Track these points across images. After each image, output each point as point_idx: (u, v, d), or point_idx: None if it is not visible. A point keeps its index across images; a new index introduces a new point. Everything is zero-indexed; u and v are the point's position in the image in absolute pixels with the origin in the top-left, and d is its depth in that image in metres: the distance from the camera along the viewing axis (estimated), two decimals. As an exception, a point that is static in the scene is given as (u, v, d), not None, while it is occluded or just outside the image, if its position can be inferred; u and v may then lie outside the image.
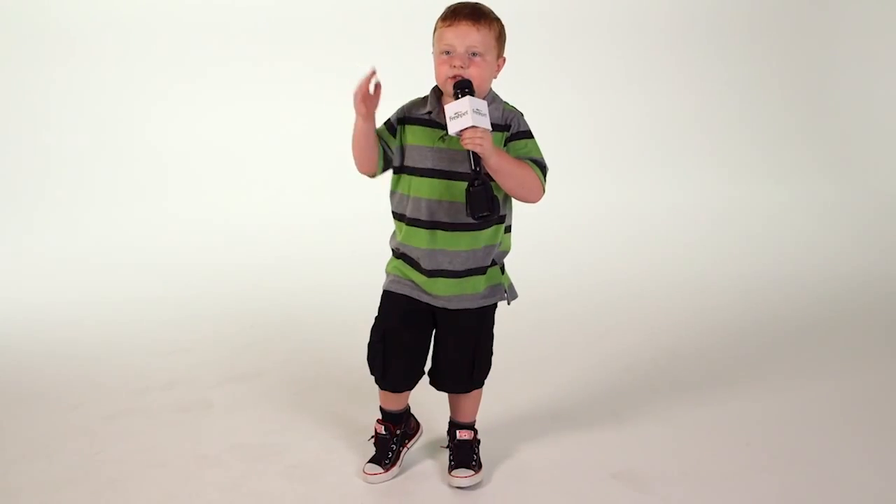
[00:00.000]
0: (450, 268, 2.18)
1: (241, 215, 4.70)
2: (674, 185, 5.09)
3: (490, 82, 2.14)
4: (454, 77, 2.07)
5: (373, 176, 2.23)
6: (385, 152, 2.19)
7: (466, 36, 2.08)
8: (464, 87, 2.03)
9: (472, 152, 2.00)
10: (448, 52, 2.09)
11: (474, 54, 2.08)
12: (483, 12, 2.12)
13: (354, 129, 2.14)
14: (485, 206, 2.00)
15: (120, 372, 3.15)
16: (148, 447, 2.55)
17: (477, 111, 2.00)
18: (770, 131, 5.38)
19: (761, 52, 5.43)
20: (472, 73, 2.07)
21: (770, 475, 2.34)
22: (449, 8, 2.13)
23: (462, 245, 2.17)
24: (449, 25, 2.10)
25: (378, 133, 2.18)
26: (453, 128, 2.01)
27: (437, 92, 2.19)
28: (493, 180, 2.07)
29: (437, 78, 2.14)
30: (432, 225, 2.16)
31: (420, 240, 2.18)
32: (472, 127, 1.98)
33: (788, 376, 3.04)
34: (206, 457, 2.48)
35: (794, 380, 3.01)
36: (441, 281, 2.19)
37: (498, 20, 2.14)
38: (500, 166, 2.05)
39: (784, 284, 4.09)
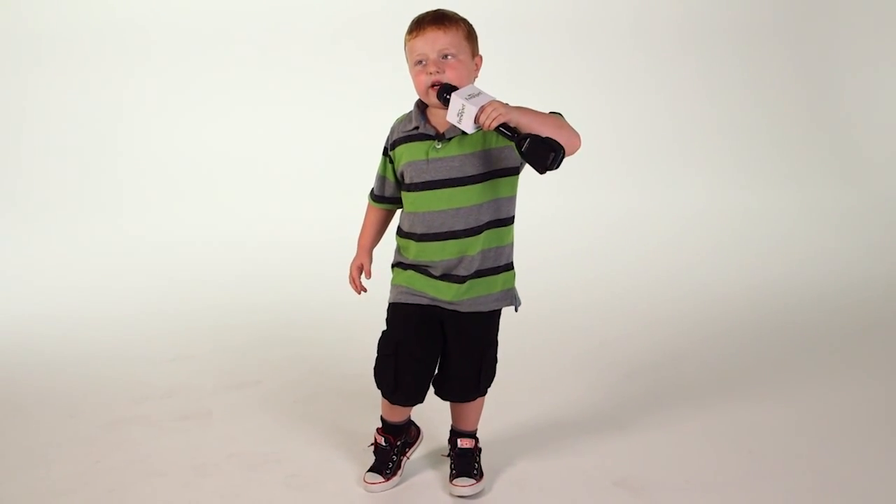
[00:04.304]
0: (463, 273, 2.16)
1: (241, 224, 4.70)
2: (673, 191, 5.08)
3: (471, 82, 2.12)
4: (433, 85, 2.07)
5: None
6: (393, 198, 2.29)
7: (435, 41, 2.08)
8: (445, 92, 2.03)
9: (499, 128, 1.98)
10: (421, 62, 2.10)
11: (446, 56, 2.08)
12: (447, 15, 2.12)
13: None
14: (547, 154, 1.93)
15: (119, 380, 3.15)
16: (147, 456, 2.54)
17: (470, 97, 1.99)
18: (784, 137, 5.35)
19: (776, 58, 5.41)
20: (449, 77, 2.07)
21: (773, 483, 2.33)
22: (413, 20, 2.13)
23: (473, 249, 2.15)
24: (416, 35, 2.10)
25: (384, 174, 2.27)
26: (467, 127, 2.00)
27: (419, 105, 2.20)
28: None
29: (418, 90, 2.14)
30: (444, 236, 2.14)
31: (434, 252, 2.16)
32: (480, 110, 1.97)
33: (791, 384, 3.03)
34: (205, 465, 2.47)
35: (796, 387, 2.99)
36: (454, 287, 2.17)
37: (464, 20, 2.14)
38: (530, 119, 1.99)
39: (787, 292, 4.07)
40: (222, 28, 4.91)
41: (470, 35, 2.14)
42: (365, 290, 2.37)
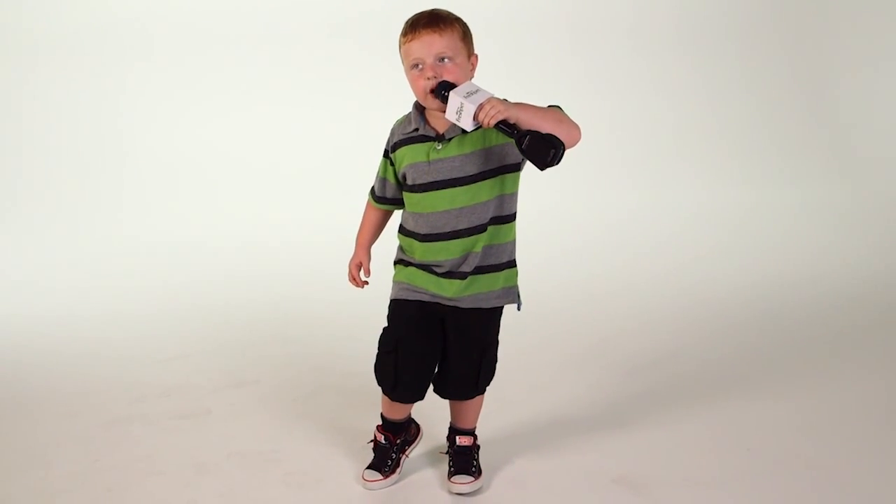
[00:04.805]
0: (466, 269, 2.16)
1: (240, 224, 4.70)
2: (672, 190, 5.08)
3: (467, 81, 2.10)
4: (432, 89, 2.06)
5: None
6: (394, 199, 2.28)
7: (431, 44, 2.06)
8: (443, 89, 2.02)
9: (499, 125, 1.96)
10: (418, 65, 2.08)
11: (443, 60, 2.07)
12: (441, 17, 2.10)
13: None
14: (547, 151, 1.91)
15: (118, 379, 3.15)
16: (146, 454, 2.54)
17: (468, 94, 1.98)
18: (782, 136, 5.34)
19: (774, 56, 5.41)
20: (447, 79, 2.05)
21: (772, 481, 2.33)
22: (407, 22, 2.12)
23: (478, 246, 2.15)
24: (411, 39, 2.08)
25: (385, 176, 2.26)
26: (466, 125, 1.99)
27: (417, 107, 2.19)
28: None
29: (416, 94, 2.13)
30: (449, 235, 2.14)
31: (440, 252, 2.16)
32: (479, 108, 1.95)
33: (790, 382, 3.03)
34: (204, 464, 2.47)
35: (795, 385, 3.00)
36: (456, 283, 2.17)
37: (458, 20, 2.12)
38: (529, 115, 1.99)
39: (786, 290, 4.07)
40: (222, 28, 4.91)
41: (465, 35, 2.12)
42: (367, 283, 2.37)
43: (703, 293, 4.03)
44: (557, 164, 1.94)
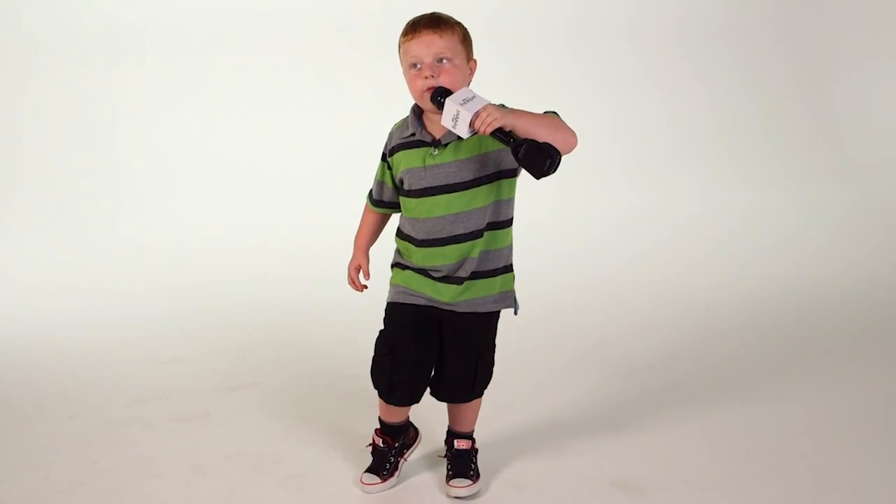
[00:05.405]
0: (463, 275, 2.16)
1: (238, 226, 4.70)
2: (671, 192, 5.09)
3: (465, 86, 2.11)
4: (429, 89, 2.06)
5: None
6: (391, 203, 2.29)
7: (431, 45, 2.07)
8: (440, 95, 2.02)
9: (495, 133, 1.96)
10: (416, 65, 2.09)
11: (442, 60, 2.07)
12: (442, 19, 2.11)
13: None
14: (543, 160, 1.92)
15: (116, 382, 3.15)
16: (145, 457, 2.54)
17: (464, 101, 1.97)
18: (781, 138, 5.34)
19: (772, 57, 5.42)
20: (444, 81, 2.06)
21: (770, 483, 2.33)
22: (408, 23, 2.12)
23: (475, 252, 2.15)
24: (411, 38, 2.09)
25: (383, 179, 2.27)
26: (462, 132, 1.98)
27: (415, 111, 2.19)
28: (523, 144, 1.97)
29: (413, 94, 2.13)
30: (446, 241, 2.14)
31: (437, 257, 2.16)
32: (475, 115, 1.95)
33: (788, 384, 3.03)
34: (202, 467, 2.47)
35: (794, 387, 3.00)
36: (452, 288, 2.17)
37: (459, 24, 2.13)
38: (525, 123, 1.99)
39: (784, 292, 4.08)
40: (220, 30, 4.92)
41: (465, 39, 2.13)
42: (366, 287, 2.38)
43: (702, 295, 4.03)
44: (553, 173, 1.94)
